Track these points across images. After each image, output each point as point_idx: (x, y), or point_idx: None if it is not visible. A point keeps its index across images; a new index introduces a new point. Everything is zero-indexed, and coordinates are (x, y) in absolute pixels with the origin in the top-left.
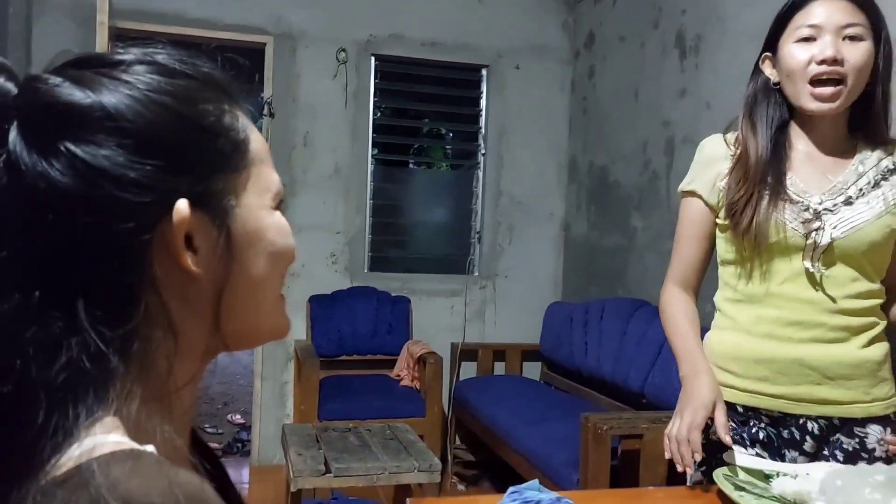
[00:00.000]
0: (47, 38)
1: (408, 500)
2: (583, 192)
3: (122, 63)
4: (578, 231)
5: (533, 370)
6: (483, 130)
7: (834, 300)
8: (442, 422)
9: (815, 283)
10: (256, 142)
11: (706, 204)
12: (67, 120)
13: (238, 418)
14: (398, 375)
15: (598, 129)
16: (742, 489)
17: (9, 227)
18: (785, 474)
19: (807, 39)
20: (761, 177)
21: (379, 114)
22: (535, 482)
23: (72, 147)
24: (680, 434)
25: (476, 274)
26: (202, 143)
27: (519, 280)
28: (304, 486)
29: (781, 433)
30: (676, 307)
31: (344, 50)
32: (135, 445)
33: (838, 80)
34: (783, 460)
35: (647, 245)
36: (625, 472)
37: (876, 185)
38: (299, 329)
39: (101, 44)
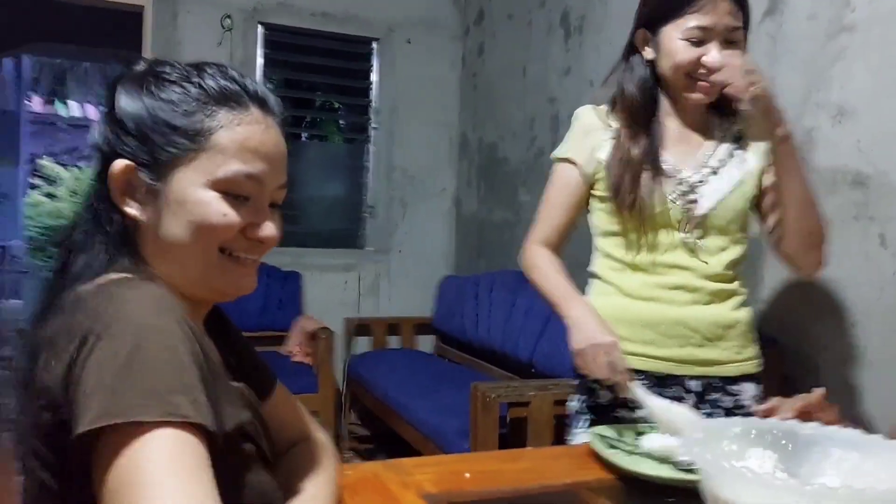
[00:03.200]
0: None
1: None
2: (473, 168)
3: (148, 79)
4: (469, 206)
5: (426, 343)
6: (374, 104)
7: (708, 267)
8: (335, 397)
9: (692, 252)
10: (225, 137)
11: (582, 172)
12: (110, 103)
13: None
14: (290, 352)
15: (487, 105)
16: (614, 447)
17: (102, 139)
18: (654, 430)
19: (695, 40)
20: (641, 157)
21: (269, 85)
22: None
23: (106, 118)
24: (599, 345)
25: (370, 248)
26: (164, 133)
27: (412, 254)
28: None
29: (664, 393)
30: (542, 259)
31: (229, 17)
32: (141, 278)
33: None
34: None
35: (533, 219)
36: (513, 440)
37: (732, 154)
38: None
39: None
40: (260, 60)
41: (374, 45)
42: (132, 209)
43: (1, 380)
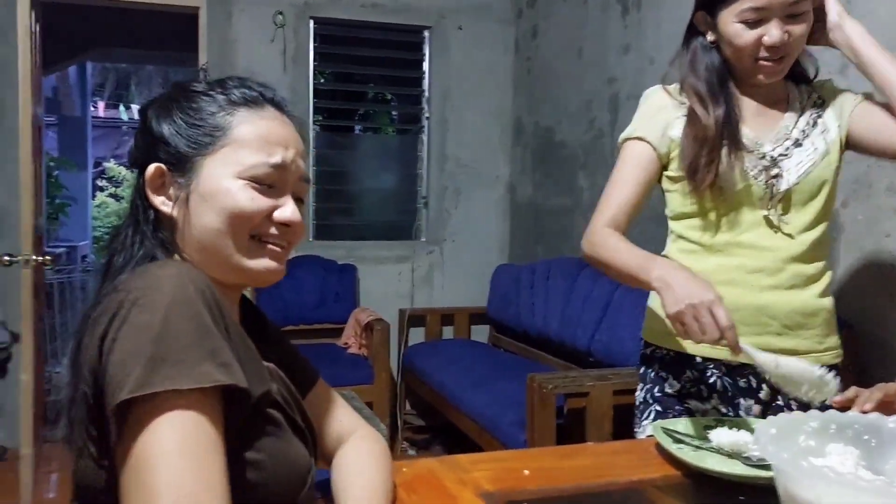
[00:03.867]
0: None
1: None
2: (528, 154)
3: (176, 93)
4: (524, 193)
5: (481, 333)
6: (427, 93)
7: (791, 247)
8: (391, 388)
9: (774, 230)
10: (243, 131)
11: (654, 150)
12: (142, 117)
13: None
14: (346, 343)
15: (542, 88)
16: (681, 442)
17: (137, 150)
18: (723, 424)
19: (751, 21)
20: (717, 133)
21: (322, 79)
22: None
23: (139, 132)
24: (701, 304)
25: (423, 239)
26: (189, 135)
27: (466, 244)
28: None
29: (738, 382)
30: (610, 237)
31: (281, 13)
32: (170, 259)
33: (784, 54)
34: (737, 410)
35: (593, 204)
36: (571, 431)
37: (814, 123)
38: None
39: (23, 14)
40: (312, 55)
41: (426, 33)
42: (166, 207)
43: None
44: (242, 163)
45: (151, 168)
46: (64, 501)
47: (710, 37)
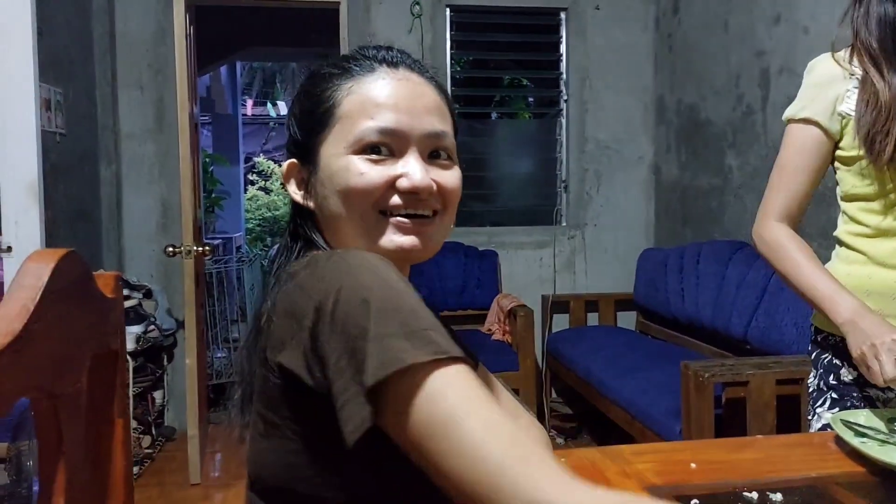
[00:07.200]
0: (129, 14)
1: None
2: (672, 133)
3: (302, 82)
4: (669, 174)
5: (627, 320)
6: (564, 76)
7: None
8: (536, 375)
9: None
10: (350, 102)
11: (824, 131)
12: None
13: None
14: (489, 329)
15: (685, 65)
16: (864, 435)
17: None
18: None
19: None
20: (893, 100)
21: (458, 67)
22: None
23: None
24: (882, 343)
25: (564, 224)
26: (302, 122)
27: (609, 228)
28: None
29: None
30: (788, 240)
31: (418, 3)
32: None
33: None
34: None
35: (743, 184)
36: (731, 422)
37: None
38: None
39: (179, 15)
40: (448, 43)
41: (562, 15)
42: (303, 199)
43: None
44: (348, 137)
45: (285, 164)
46: (229, 480)
47: None
